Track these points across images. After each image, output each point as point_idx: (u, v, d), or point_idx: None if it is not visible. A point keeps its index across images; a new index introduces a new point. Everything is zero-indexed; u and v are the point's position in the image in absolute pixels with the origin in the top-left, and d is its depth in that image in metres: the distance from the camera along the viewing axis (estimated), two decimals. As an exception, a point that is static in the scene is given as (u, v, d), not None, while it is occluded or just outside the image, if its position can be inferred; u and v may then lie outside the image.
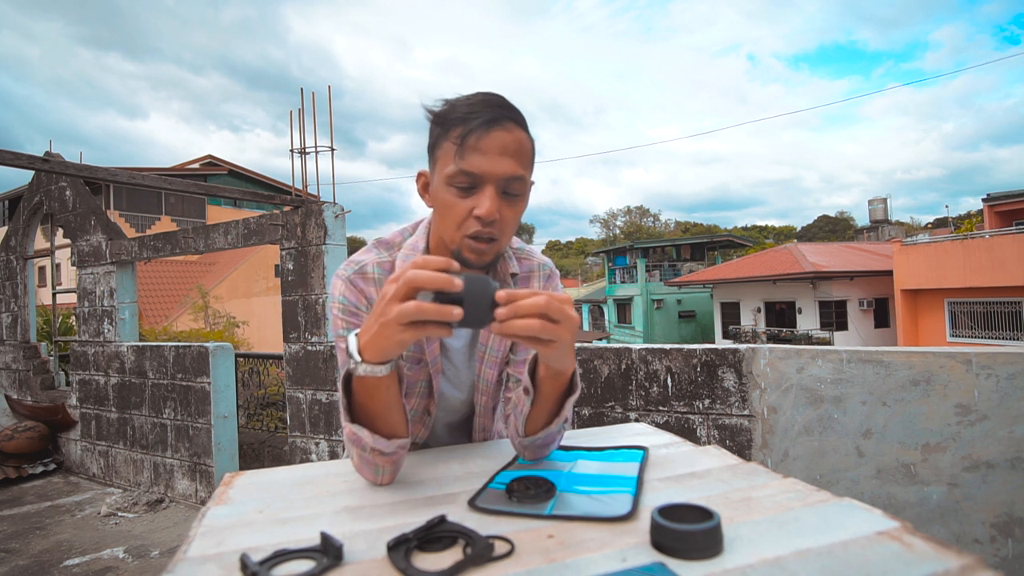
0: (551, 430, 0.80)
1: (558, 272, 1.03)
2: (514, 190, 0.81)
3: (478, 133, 0.77)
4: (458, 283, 0.60)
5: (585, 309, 31.48)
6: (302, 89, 3.59)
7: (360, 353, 0.67)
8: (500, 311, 0.62)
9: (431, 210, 0.90)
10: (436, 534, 0.57)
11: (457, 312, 0.59)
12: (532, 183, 0.88)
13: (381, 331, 0.63)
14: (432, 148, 0.83)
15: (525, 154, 0.81)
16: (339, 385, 0.74)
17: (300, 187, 3.59)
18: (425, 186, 0.88)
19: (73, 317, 5.95)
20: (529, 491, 0.68)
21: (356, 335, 0.68)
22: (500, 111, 0.78)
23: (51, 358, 5.44)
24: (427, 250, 0.91)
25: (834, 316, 17.49)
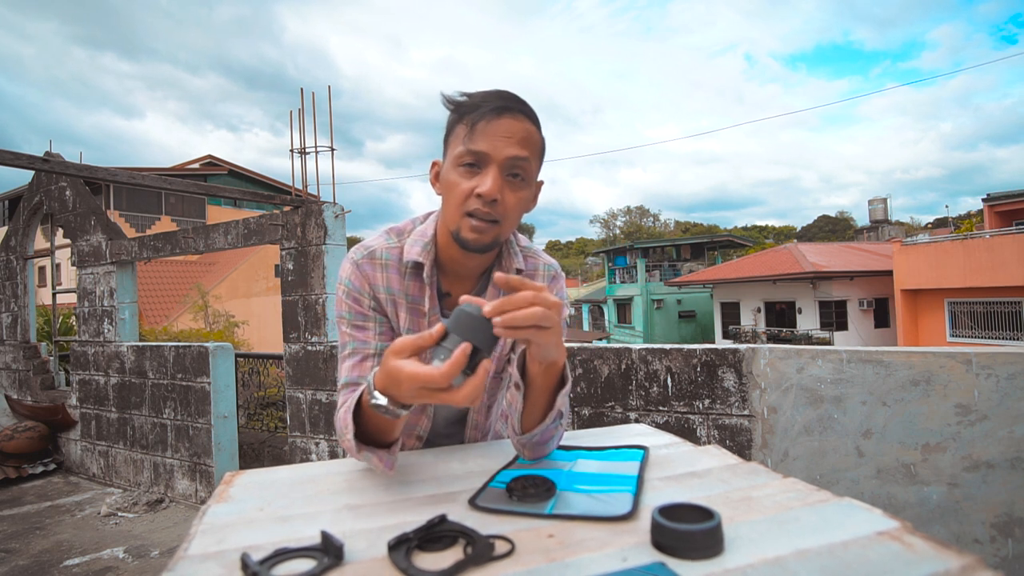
0: (546, 425, 0.81)
1: (563, 274, 1.03)
2: (518, 174, 0.83)
3: (488, 117, 0.80)
4: (466, 348, 0.61)
5: (585, 309, 31.47)
6: (302, 89, 3.59)
7: (392, 402, 0.68)
8: (496, 322, 0.64)
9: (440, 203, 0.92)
10: (437, 533, 0.58)
11: (487, 364, 0.63)
12: (540, 183, 0.90)
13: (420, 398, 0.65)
14: (446, 136, 0.87)
15: (532, 143, 0.84)
16: (348, 417, 0.75)
17: (300, 187, 3.59)
18: (436, 175, 0.90)
19: (73, 317, 5.95)
20: (529, 490, 0.68)
21: (375, 386, 0.69)
22: (512, 102, 0.82)
23: (51, 358, 5.44)
24: (435, 239, 0.93)
25: (834, 316, 17.48)
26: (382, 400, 0.68)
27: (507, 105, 0.81)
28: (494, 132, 0.80)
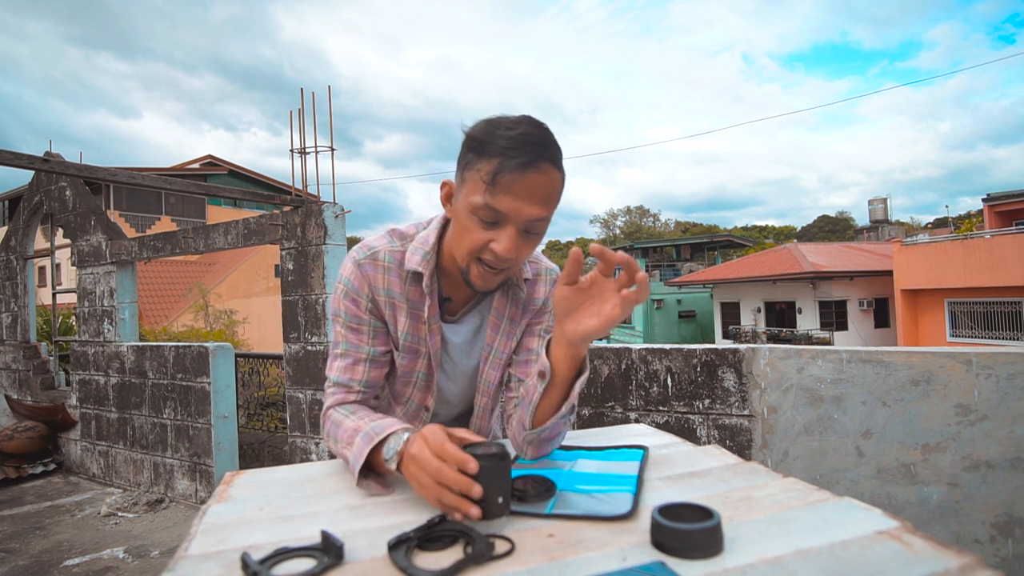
0: (558, 417, 0.80)
1: None
2: (536, 230, 0.81)
3: (512, 175, 0.75)
4: (477, 491, 0.60)
5: (585, 309, 31.37)
6: (302, 89, 3.59)
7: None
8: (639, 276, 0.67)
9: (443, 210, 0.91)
10: (437, 533, 0.58)
11: (476, 512, 0.60)
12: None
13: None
14: (463, 167, 0.82)
15: (555, 196, 0.81)
16: (365, 449, 0.74)
17: (300, 187, 3.59)
18: (448, 196, 0.88)
19: (73, 317, 5.95)
20: (529, 490, 0.68)
21: (398, 452, 0.70)
22: (539, 150, 0.76)
23: (51, 358, 5.44)
24: (437, 247, 0.92)
25: (834, 316, 17.48)
26: (391, 452, 0.71)
27: (533, 159, 0.75)
28: (518, 192, 0.76)
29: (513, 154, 0.75)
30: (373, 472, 0.75)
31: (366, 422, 0.79)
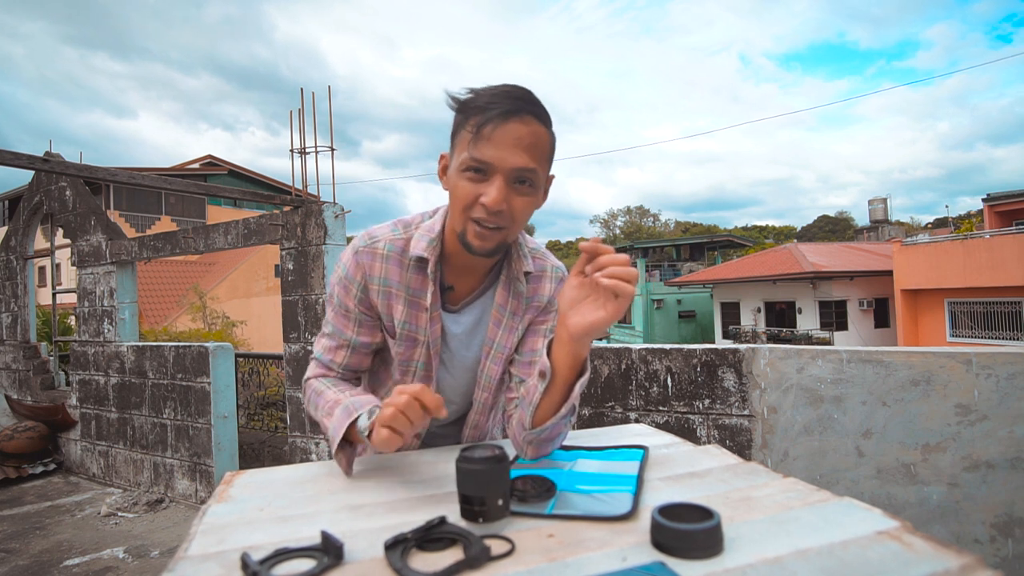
0: (558, 418, 0.80)
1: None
2: (525, 182, 0.82)
3: (494, 123, 0.78)
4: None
5: (585, 309, 31.36)
6: (301, 89, 3.59)
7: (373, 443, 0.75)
8: (602, 261, 0.71)
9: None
10: (436, 534, 0.58)
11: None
12: (552, 177, 0.89)
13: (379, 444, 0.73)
14: (453, 134, 0.85)
15: (541, 148, 0.82)
16: (335, 422, 0.83)
17: (300, 187, 3.59)
18: (444, 169, 0.89)
19: (73, 317, 5.95)
20: (529, 490, 0.68)
21: (370, 422, 0.77)
22: (520, 103, 0.79)
23: (51, 358, 5.43)
24: (442, 233, 0.92)
25: (834, 316, 17.48)
26: (364, 423, 0.78)
27: (514, 108, 0.78)
28: (500, 140, 0.78)
29: (494, 106, 0.78)
30: (347, 443, 0.83)
31: (346, 396, 0.86)
